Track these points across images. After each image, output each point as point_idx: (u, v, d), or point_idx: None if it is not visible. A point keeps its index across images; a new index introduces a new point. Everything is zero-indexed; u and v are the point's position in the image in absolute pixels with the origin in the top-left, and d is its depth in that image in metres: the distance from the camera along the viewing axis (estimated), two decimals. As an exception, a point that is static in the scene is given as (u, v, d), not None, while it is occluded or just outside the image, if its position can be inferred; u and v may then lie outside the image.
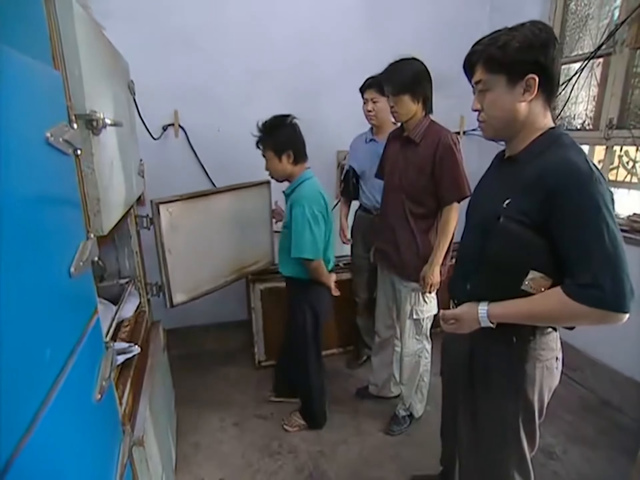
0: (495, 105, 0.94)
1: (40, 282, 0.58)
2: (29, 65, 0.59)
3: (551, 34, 0.91)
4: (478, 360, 1.09)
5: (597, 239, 0.82)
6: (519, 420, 1.06)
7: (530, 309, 0.91)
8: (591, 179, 0.83)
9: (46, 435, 0.55)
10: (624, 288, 0.81)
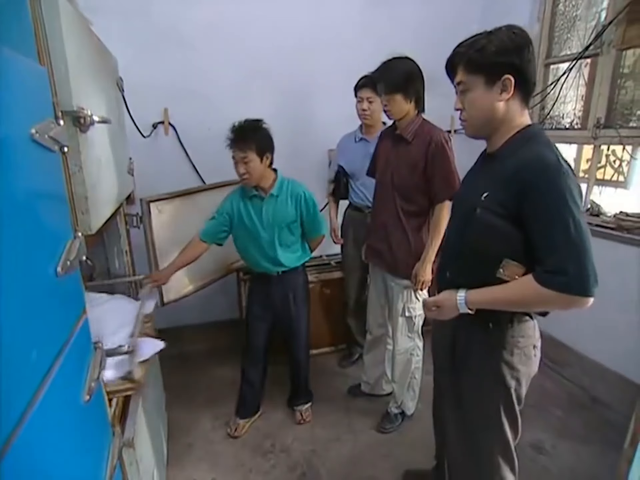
0: (475, 104, 1.00)
1: (25, 281, 0.57)
2: (12, 60, 0.57)
3: (526, 38, 0.96)
4: (459, 347, 1.14)
5: (563, 230, 0.87)
6: (499, 406, 1.10)
7: (504, 295, 0.96)
8: (560, 173, 0.89)
9: (33, 437, 0.54)
10: (587, 274, 0.87)
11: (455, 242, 1.09)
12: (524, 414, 2.05)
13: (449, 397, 1.25)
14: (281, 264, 1.81)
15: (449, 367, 1.19)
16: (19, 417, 0.51)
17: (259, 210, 1.74)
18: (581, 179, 2.56)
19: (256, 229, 1.74)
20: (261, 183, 1.73)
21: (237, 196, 1.79)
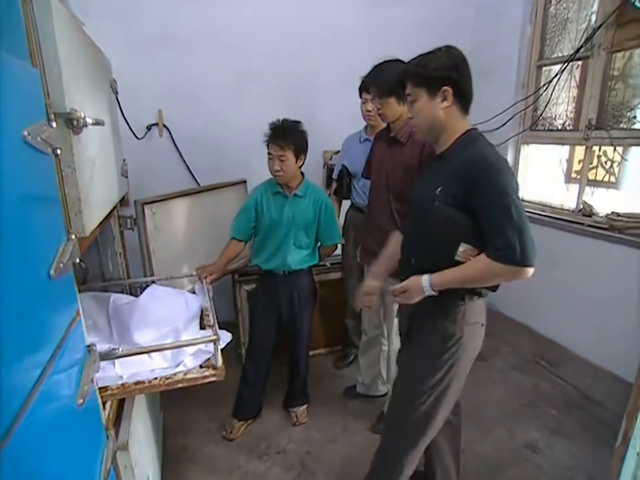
0: (421, 112, 1.17)
1: (18, 284, 0.56)
2: (4, 62, 0.57)
3: (460, 56, 1.14)
4: (416, 322, 1.27)
5: (506, 214, 1.02)
6: (444, 377, 1.21)
7: (463, 274, 1.10)
8: (499, 169, 1.06)
9: (25, 441, 0.53)
10: (528, 248, 1.03)
11: (416, 232, 1.23)
12: (518, 414, 2.07)
13: (399, 370, 1.36)
14: (288, 264, 1.84)
15: (405, 348, 1.33)
16: (11, 421, 0.51)
17: (281, 207, 1.78)
18: (573, 180, 2.59)
19: (274, 224, 1.79)
20: (290, 182, 1.79)
21: (263, 190, 1.84)
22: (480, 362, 2.50)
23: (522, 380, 2.37)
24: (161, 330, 1.23)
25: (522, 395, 2.24)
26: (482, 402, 2.18)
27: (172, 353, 1.18)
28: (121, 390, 1.09)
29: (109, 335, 1.25)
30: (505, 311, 2.90)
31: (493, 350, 2.69)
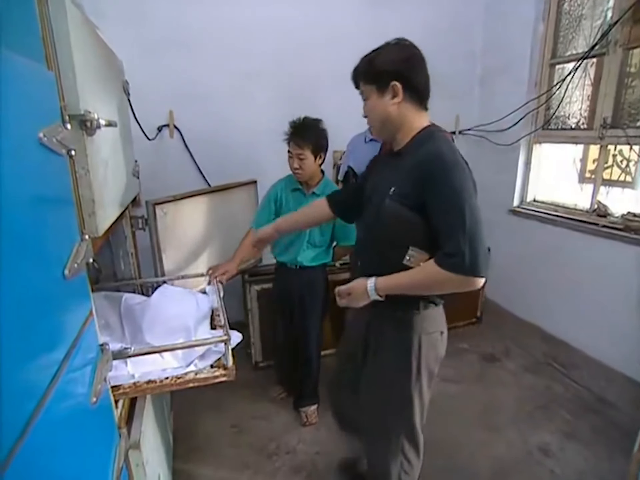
0: (373, 109, 1.12)
1: (33, 284, 0.57)
2: (21, 65, 0.58)
3: (411, 49, 1.09)
4: (372, 334, 1.22)
5: (459, 218, 0.96)
6: (411, 390, 1.18)
7: (409, 279, 1.05)
8: (456, 168, 1.00)
9: (40, 440, 0.54)
10: (478, 257, 0.95)
11: (366, 233, 1.19)
12: (531, 416, 2.04)
13: (363, 382, 1.30)
14: (299, 260, 1.86)
15: (361, 357, 1.27)
16: (28, 419, 0.52)
17: (299, 204, 1.80)
18: (587, 180, 2.55)
19: None
20: (309, 180, 1.81)
21: (282, 185, 1.88)
22: (491, 363, 2.51)
23: (535, 382, 2.34)
24: (172, 330, 1.23)
25: (534, 397, 2.21)
26: (493, 403, 2.16)
27: (183, 353, 1.19)
28: (133, 389, 1.09)
29: (121, 335, 1.26)
30: (516, 312, 2.87)
31: (504, 352, 2.66)
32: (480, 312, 3.01)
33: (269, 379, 2.31)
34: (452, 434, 1.94)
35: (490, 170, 3.01)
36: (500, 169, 2.91)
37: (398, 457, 1.25)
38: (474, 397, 2.22)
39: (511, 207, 2.82)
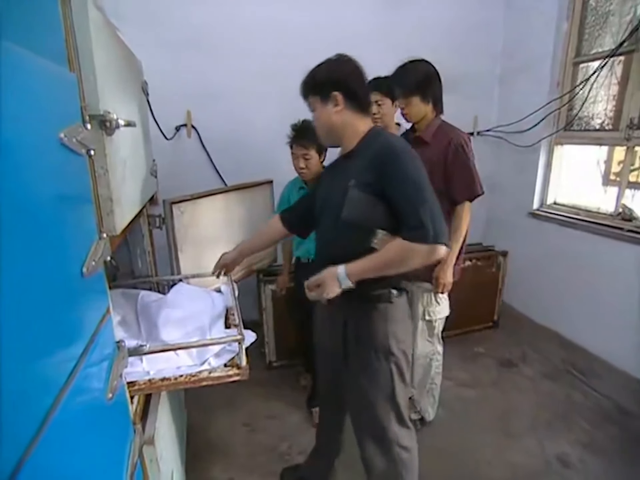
0: (319, 119, 1.21)
1: (52, 281, 0.58)
2: (44, 67, 0.59)
3: (350, 62, 1.22)
4: (350, 328, 1.25)
5: (418, 194, 1.06)
6: (392, 377, 1.23)
7: (378, 259, 1.09)
8: (406, 153, 1.11)
9: (57, 435, 0.55)
10: (440, 227, 1.04)
11: (328, 232, 1.24)
12: (549, 424, 1.99)
13: (346, 378, 1.33)
14: (311, 253, 1.90)
15: (341, 352, 1.28)
16: (45, 415, 0.53)
17: None
18: (612, 182, 2.47)
19: None
20: (314, 179, 1.85)
21: (291, 186, 2.00)
22: (507, 368, 2.46)
23: (553, 389, 2.28)
24: (187, 328, 1.24)
25: (553, 405, 2.15)
26: (510, 410, 2.11)
27: (197, 351, 1.20)
28: (148, 385, 1.11)
29: (137, 332, 1.28)
30: (533, 317, 2.81)
31: (521, 357, 2.60)
32: (497, 316, 2.96)
33: (282, 379, 2.32)
34: (468, 438, 1.91)
35: (509, 172, 2.95)
36: (519, 171, 2.85)
37: (394, 446, 1.30)
38: (490, 403, 2.17)
39: (530, 210, 2.76)
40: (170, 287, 1.76)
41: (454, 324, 2.39)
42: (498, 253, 2.85)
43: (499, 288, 2.88)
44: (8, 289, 0.46)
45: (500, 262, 2.83)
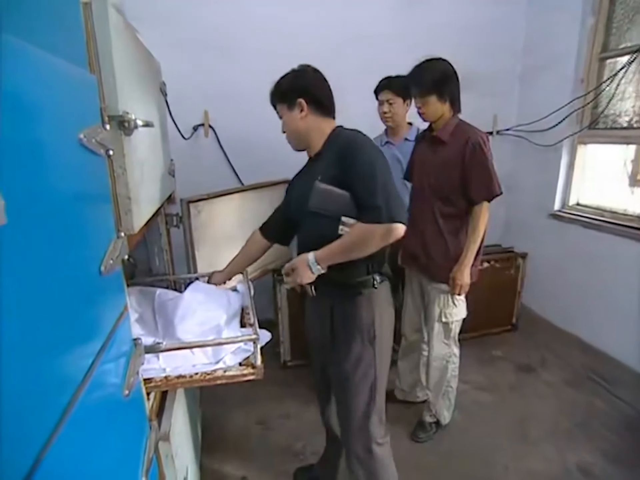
0: (287, 126, 1.30)
1: (71, 279, 0.59)
2: (66, 70, 0.60)
3: (311, 71, 1.29)
4: (337, 314, 1.30)
5: (373, 178, 1.11)
6: (375, 362, 1.28)
7: (342, 244, 1.16)
8: (366, 144, 1.19)
9: (75, 430, 0.56)
10: (395, 207, 1.10)
11: (303, 222, 1.30)
12: (570, 433, 1.93)
13: (332, 365, 1.38)
14: None
15: (329, 340, 1.33)
16: (62, 411, 0.53)
17: None
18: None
19: None
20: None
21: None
22: (526, 373, 2.41)
23: (574, 396, 2.22)
24: (203, 327, 1.25)
25: (573, 412, 2.09)
26: (529, 415, 2.06)
27: (212, 349, 1.21)
28: (164, 382, 1.12)
29: (154, 329, 1.30)
30: (553, 320, 2.74)
31: (540, 362, 2.54)
32: (515, 319, 2.89)
33: (297, 378, 2.33)
34: (484, 443, 1.88)
35: (529, 172, 2.88)
36: (540, 171, 2.78)
37: (373, 436, 1.34)
38: (507, 408, 2.13)
39: (552, 211, 2.69)
40: (186, 286, 1.78)
41: (471, 326, 2.35)
42: (517, 255, 2.79)
43: (517, 290, 2.82)
44: (30, 286, 0.47)
45: (520, 263, 2.76)
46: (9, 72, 0.44)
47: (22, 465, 0.44)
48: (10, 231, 0.41)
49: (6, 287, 0.42)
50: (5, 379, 0.41)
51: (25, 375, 0.45)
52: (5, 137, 0.43)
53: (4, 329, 0.41)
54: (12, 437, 0.42)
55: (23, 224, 0.45)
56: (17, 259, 0.44)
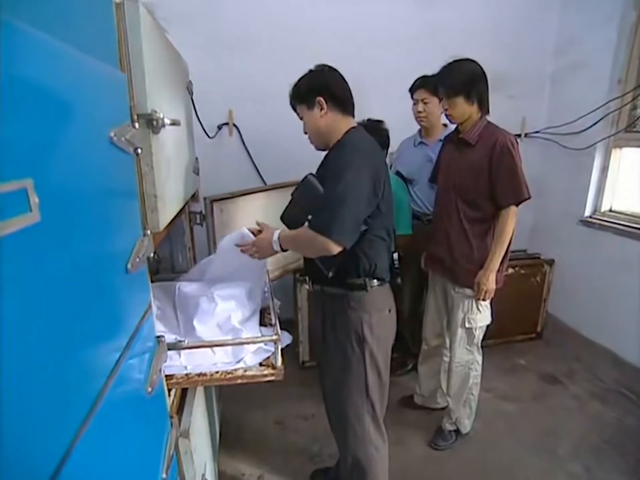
0: (308, 126, 1.31)
1: (99, 276, 0.60)
2: (96, 67, 0.61)
3: (329, 70, 1.30)
4: (327, 313, 1.33)
5: (333, 187, 1.13)
6: (365, 364, 1.28)
7: (295, 234, 1.23)
8: (352, 151, 1.19)
9: (101, 426, 0.56)
10: (335, 224, 1.10)
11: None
12: (598, 450, 1.85)
13: (324, 365, 1.41)
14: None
15: (321, 341, 1.36)
16: (90, 407, 0.54)
17: None
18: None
19: None
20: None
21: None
22: (551, 384, 2.32)
23: (603, 411, 2.12)
24: (222, 328, 1.25)
25: (602, 428, 2.00)
26: (554, 429, 1.99)
27: (233, 349, 1.21)
28: (185, 380, 1.13)
29: (176, 326, 1.31)
30: (582, 330, 2.63)
31: (567, 373, 2.45)
32: (541, 327, 2.80)
33: (315, 379, 2.29)
34: (505, 455, 1.82)
35: (559, 177, 2.78)
36: (570, 175, 2.68)
37: (365, 441, 1.34)
38: (531, 419, 2.06)
39: (582, 217, 2.58)
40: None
41: (494, 333, 2.28)
42: (544, 261, 2.70)
43: (543, 298, 2.72)
44: (60, 282, 0.47)
45: (546, 270, 2.67)
46: (41, 70, 0.44)
47: (52, 456, 0.45)
48: (42, 228, 0.41)
49: (37, 283, 0.42)
50: (35, 374, 0.41)
51: (52, 371, 0.46)
52: (38, 135, 0.43)
53: (34, 323, 0.42)
54: (43, 429, 0.43)
55: (54, 222, 0.46)
56: (48, 255, 0.45)
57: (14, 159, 0.38)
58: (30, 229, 0.39)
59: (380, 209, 1.23)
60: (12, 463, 0.38)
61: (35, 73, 0.43)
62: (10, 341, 0.37)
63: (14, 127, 0.38)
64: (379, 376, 1.31)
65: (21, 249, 0.39)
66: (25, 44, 0.41)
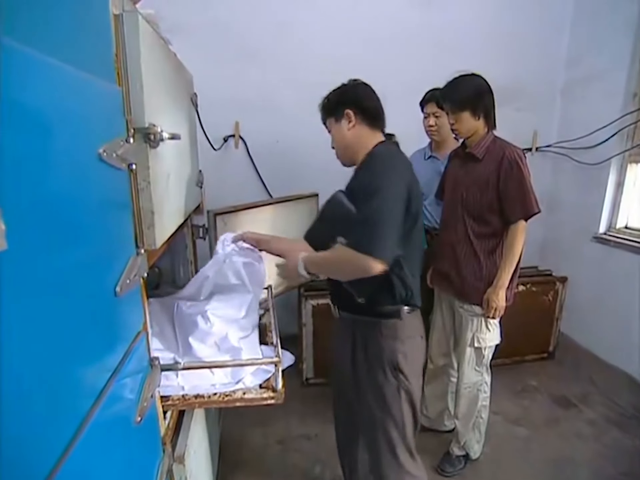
0: (335, 139, 1.28)
1: (83, 301, 0.56)
2: (86, 81, 0.58)
3: (360, 84, 1.28)
4: (358, 343, 1.26)
5: (367, 206, 1.05)
6: (400, 394, 1.22)
7: (324, 256, 1.13)
8: (385, 163, 1.13)
9: (83, 458, 0.53)
10: (376, 241, 1.01)
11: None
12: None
13: (356, 399, 1.33)
14: None
15: (350, 368, 1.29)
16: (71, 437, 0.51)
17: None
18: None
19: None
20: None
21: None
22: (564, 408, 2.22)
23: (620, 439, 2.02)
24: (221, 346, 1.21)
25: (620, 457, 1.89)
26: (568, 456, 1.89)
27: (232, 369, 1.16)
28: (182, 401, 1.09)
29: (174, 344, 1.27)
30: (596, 351, 2.53)
31: (581, 397, 2.34)
32: (552, 347, 2.71)
33: (319, 397, 2.25)
34: (518, 484, 1.73)
35: (571, 192, 2.72)
36: (583, 191, 2.61)
37: (402, 472, 1.28)
38: (543, 445, 1.97)
39: (596, 234, 2.50)
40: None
41: (504, 352, 2.20)
42: (556, 279, 2.61)
43: (555, 317, 2.64)
44: (38, 307, 0.45)
45: (558, 288, 2.59)
46: (21, 84, 0.41)
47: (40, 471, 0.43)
48: (13, 254, 0.38)
49: (13, 307, 0.39)
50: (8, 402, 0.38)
51: (35, 396, 0.44)
52: (10, 153, 0.39)
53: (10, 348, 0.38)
54: (28, 451, 0.42)
55: (30, 246, 0.42)
56: (24, 280, 0.42)
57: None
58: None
59: (416, 226, 1.18)
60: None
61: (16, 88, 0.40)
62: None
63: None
64: (411, 404, 1.26)
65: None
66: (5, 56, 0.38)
